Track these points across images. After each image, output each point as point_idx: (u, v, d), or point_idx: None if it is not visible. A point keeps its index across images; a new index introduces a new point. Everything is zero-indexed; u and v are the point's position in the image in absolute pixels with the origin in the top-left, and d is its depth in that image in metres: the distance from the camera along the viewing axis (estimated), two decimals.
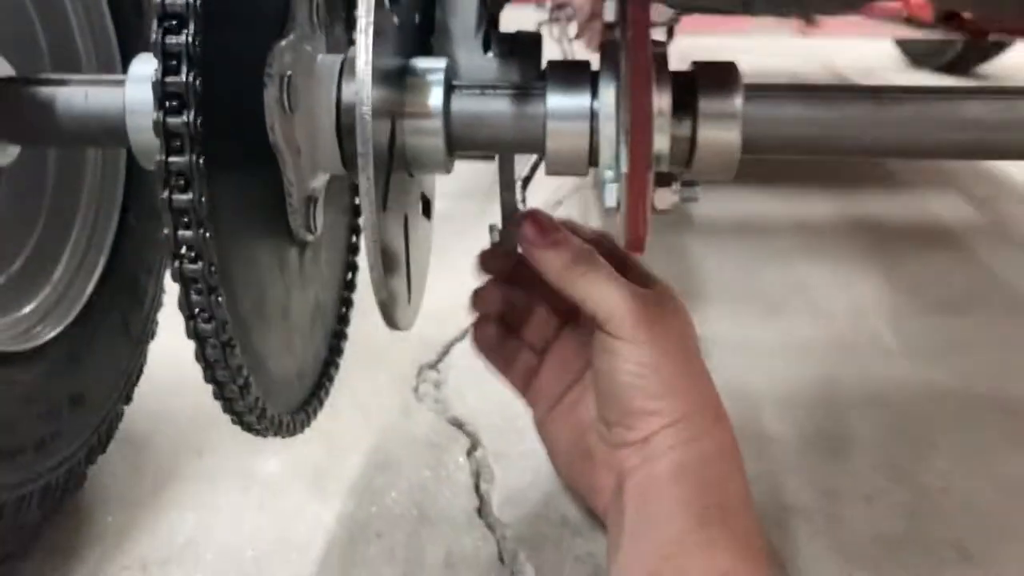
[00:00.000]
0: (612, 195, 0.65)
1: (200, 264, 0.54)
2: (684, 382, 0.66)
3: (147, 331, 0.96)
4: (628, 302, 0.66)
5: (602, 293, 0.67)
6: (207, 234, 0.54)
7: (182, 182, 0.53)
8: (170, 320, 0.99)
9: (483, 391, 1.14)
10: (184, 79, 0.52)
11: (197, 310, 0.56)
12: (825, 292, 1.45)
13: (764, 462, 0.99)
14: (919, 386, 1.17)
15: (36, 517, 0.80)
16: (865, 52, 3.54)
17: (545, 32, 1.46)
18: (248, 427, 0.65)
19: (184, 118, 0.52)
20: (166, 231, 0.54)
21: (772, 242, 1.68)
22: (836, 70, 3.37)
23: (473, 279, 0.80)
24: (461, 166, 0.73)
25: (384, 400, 1.13)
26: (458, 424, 1.08)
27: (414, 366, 1.21)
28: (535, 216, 0.71)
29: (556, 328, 0.78)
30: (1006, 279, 1.52)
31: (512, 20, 0.81)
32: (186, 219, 0.54)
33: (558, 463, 0.77)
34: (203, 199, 0.53)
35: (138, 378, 0.96)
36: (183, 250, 0.54)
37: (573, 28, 2.19)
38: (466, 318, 0.79)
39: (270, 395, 0.65)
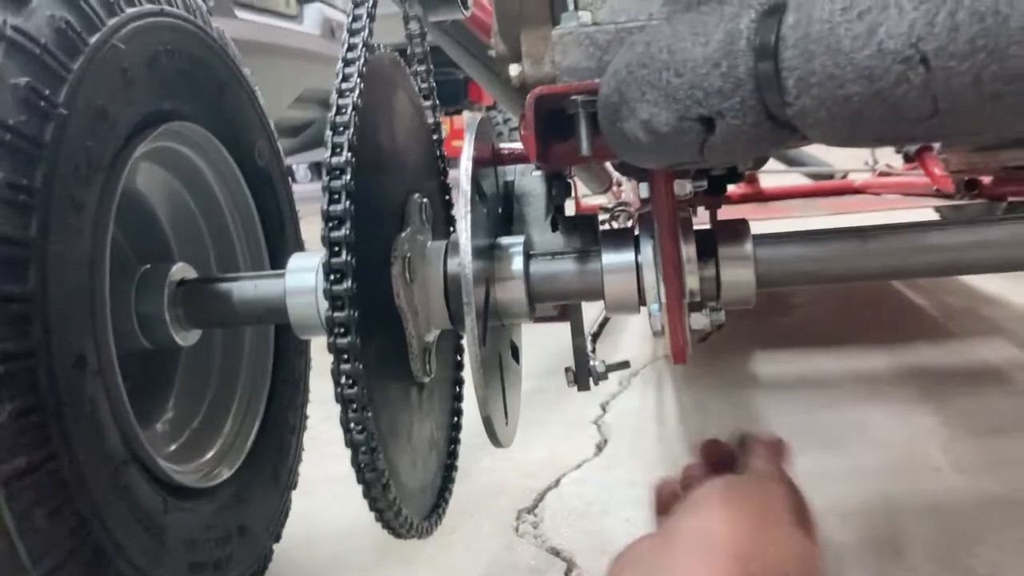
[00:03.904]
0: (657, 322, 0.85)
1: (356, 389, 0.75)
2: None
3: (291, 480, 1.16)
4: None
5: None
6: (361, 366, 0.75)
7: (343, 330, 0.75)
8: (308, 485, 1.20)
9: (577, 526, 1.30)
10: (344, 259, 0.74)
11: (352, 424, 0.76)
12: (880, 427, 1.57)
13: (824, 563, 1.11)
14: (968, 495, 1.28)
15: None
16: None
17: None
18: (387, 524, 0.83)
19: (344, 285, 0.74)
20: (332, 367, 0.75)
21: (831, 390, 1.81)
22: None
23: (562, 440, 0.92)
24: (550, 349, 0.91)
25: (489, 539, 1.29)
26: (555, 552, 1.23)
27: (514, 512, 1.37)
28: None
29: None
30: None
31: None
32: (345, 356, 0.75)
33: None
34: (358, 341, 0.75)
35: (285, 519, 1.14)
36: (343, 379, 0.75)
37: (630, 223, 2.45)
38: (558, 471, 0.90)
39: (404, 499, 0.84)
